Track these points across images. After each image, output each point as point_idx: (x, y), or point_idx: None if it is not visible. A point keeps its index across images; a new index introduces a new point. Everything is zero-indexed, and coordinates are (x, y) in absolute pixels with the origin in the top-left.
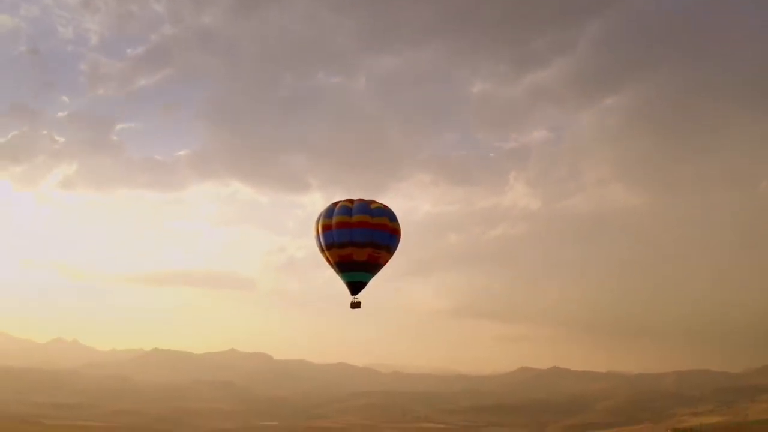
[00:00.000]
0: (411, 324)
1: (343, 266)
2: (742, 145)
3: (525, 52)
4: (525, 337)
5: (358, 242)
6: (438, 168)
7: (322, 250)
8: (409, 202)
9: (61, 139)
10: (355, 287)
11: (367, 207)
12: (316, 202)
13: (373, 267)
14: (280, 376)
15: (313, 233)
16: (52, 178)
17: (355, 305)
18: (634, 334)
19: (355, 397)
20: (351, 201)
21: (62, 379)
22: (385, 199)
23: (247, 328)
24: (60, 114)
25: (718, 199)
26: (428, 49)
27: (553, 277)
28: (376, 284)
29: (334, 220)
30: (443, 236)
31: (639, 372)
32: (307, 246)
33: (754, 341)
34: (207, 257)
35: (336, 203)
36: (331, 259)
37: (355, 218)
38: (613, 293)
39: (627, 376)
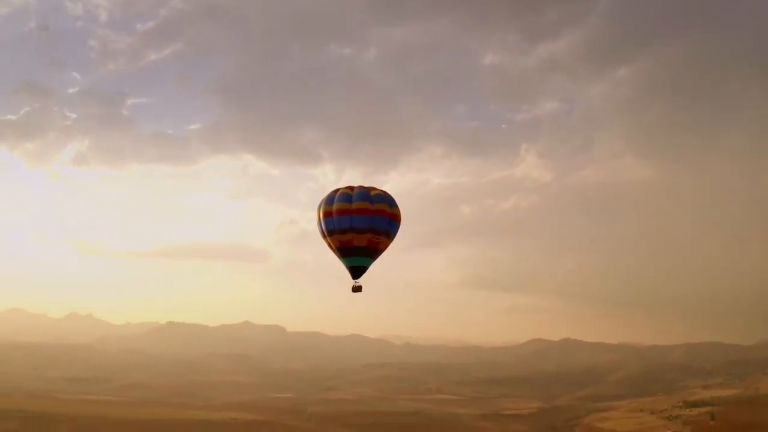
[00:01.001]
0: (423, 296)
1: (344, 251)
2: (755, 116)
3: (536, 23)
4: (537, 308)
5: (358, 228)
6: (449, 140)
7: (324, 236)
8: (420, 175)
9: (73, 116)
10: (356, 271)
11: (367, 194)
12: (328, 174)
13: (373, 252)
14: (294, 348)
15: (315, 219)
16: (65, 155)
17: (357, 289)
18: (645, 306)
19: (368, 369)
20: (351, 188)
21: (77, 354)
22: (397, 171)
23: (260, 300)
24: (71, 90)
25: (730, 171)
26: (439, 21)
27: (565, 249)
28: (388, 257)
29: (335, 207)
30: (455, 208)
31: (650, 344)
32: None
33: (766, 314)
34: (220, 230)
35: (336, 190)
36: (332, 245)
37: (355, 205)
38: (625, 265)
39: (638, 348)
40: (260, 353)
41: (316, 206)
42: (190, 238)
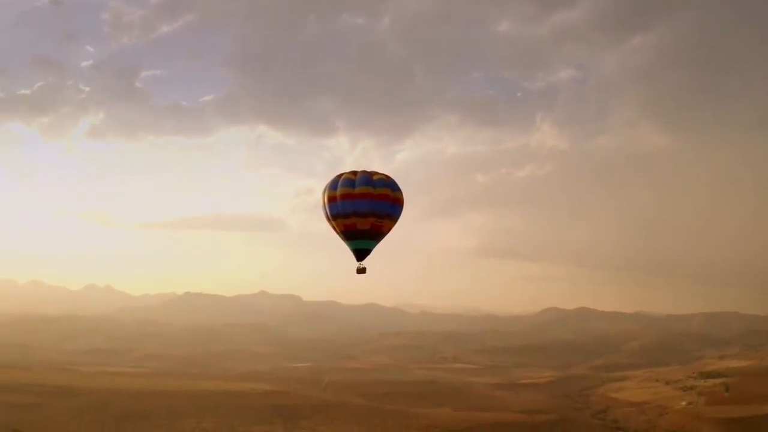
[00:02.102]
0: (438, 264)
1: (348, 234)
2: None
3: None
4: (552, 277)
5: (361, 212)
6: (464, 108)
7: (329, 220)
8: (435, 144)
9: (87, 89)
10: (360, 254)
11: (370, 179)
12: (343, 144)
13: (376, 235)
14: (310, 317)
15: (320, 204)
16: (80, 128)
17: (361, 271)
18: (662, 275)
19: (384, 338)
20: (354, 173)
21: (96, 325)
22: (412, 140)
23: (276, 270)
24: (84, 64)
25: (748, 139)
26: None
27: (581, 217)
28: (404, 226)
29: (339, 192)
30: (470, 177)
31: (667, 313)
32: None
33: None
34: (236, 201)
35: (340, 175)
36: (337, 228)
37: (358, 190)
38: (641, 234)
39: (654, 318)
40: (277, 323)
41: (339, 164)
42: (206, 209)
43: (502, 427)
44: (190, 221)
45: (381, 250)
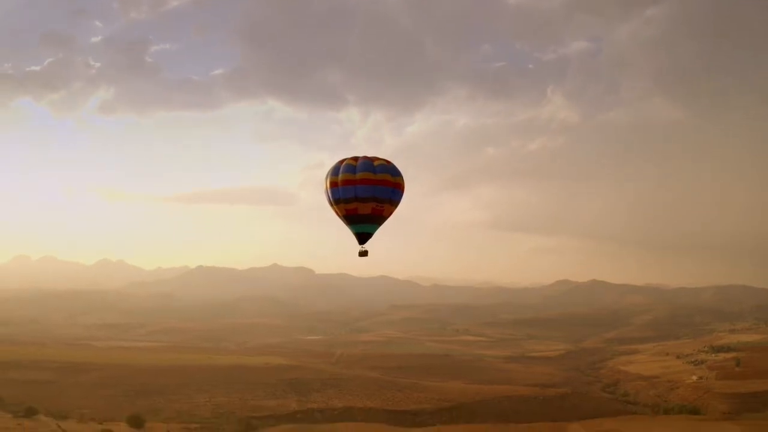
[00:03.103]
0: (450, 237)
1: (350, 219)
2: None
3: None
4: (564, 250)
5: (362, 197)
6: (475, 81)
7: (331, 205)
8: (446, 116)
9: (97, 64)
10: (362, 237)
11: (371, 164)
12: (354, 117)
13: (377, 219)
14: (323, 290)
15: (323, 189)
16: (91, 104)
17: (363, 254)
18: (673, 248)
19: (396, 310)
20: (356, 159)
21: (110, 300)
22: (422, 113)
23: (288, 243)
24: (94, 39)
25: (762, 112)
26: None
27: (592, 190)
28: (416, 199)
29: (340, 177)
30: (481, 150)
31: (678, 286)
32: None
33: None
34: (247, 175)
35: (342, 161)
36: (339, 213)
37: (359, 175)
38: (652, 207)
39: (666, 290)
40: (289, 295)
41: (349, 138)
42: (218, 182)
43: (513, 401)
44: (202, 195)
45: (393, 223)
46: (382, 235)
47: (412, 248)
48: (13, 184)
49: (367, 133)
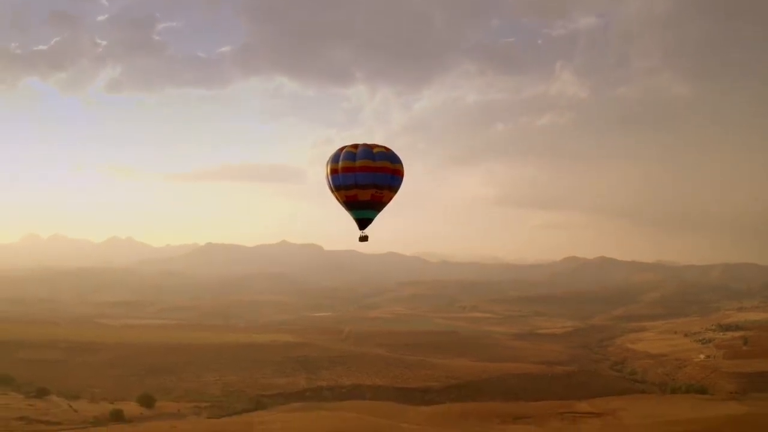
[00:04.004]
0: (458, 213)
1: (350, 205)
2: None
3: None
4: (572, 226)
5: (362, 184)
6: (484, 56)
7: (332, 191)
8: (454, 92)
9: (103, 43)
10: (362, 223)
11: (370, 152)
12: (362, 94)
13: (377, 205)
14: (331, 266)
15: (324, 175)
16: (98, 82)
17: (363, 239)
18: (682, 225)
19: (404, 287)
20: (356, 146)
21: (119, 277)
22: (431, 89)
23: (297, 220)
24: (100, 18)
25: None
26: None
27: (601, 166)
28: (424, 175)
29: (340, 165)
30: (490, 125)
31: (687, 263)
32: (354, 137)
33: None
34: (255, 152)
35: (342, 148)
36: (339, 199)
37: (359, 163)
38: (661, 183)
39: (674, 267)
40: (298, 272)
41: (357, 115)
42: (226, 160)
43: (521, 378)
44: (210, 172)
45: (401, 199)
46: (389, 211)
47: (419, 225)
48: (21, 163)
49: (375, 110)
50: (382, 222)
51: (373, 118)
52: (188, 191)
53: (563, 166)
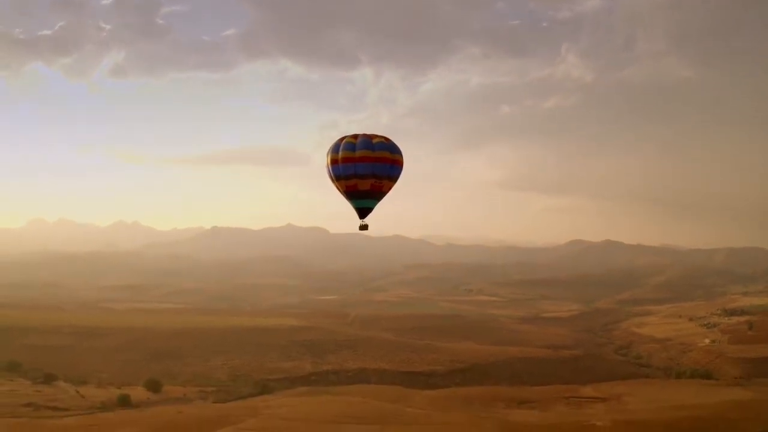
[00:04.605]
0: (463, 196)
1: (350, 195)
2: None
3: None
4: (577, 209)
5: (361, 174)
6: (489, 39)
7: (333, 181)
8: (460, 75)
9: (108, 27)
10: (362, 212)
11: (369, 142)
12: (367, 77)
13: (376, 194)
14: (337, 249)
15: (325, 165)
16: (103, 67)
17: (363, 227)
18: (687, 209)
19: (410, 270)
20: (355, 137)
21: (125, 261)
22: (436, 72)
23: (303, 203)
24: (104, 2)
25: None
26: None
27: (606, 149)
28: (429, 158)
29: (340, 155)
30: (495, 108)
31: (692, 247)
32: (359, 121)
33: None
34: (260, 135)
35: (342, 139)
36: (340, 189)
37: (358, 153)
38: (667, 167)
39: (679, 251)
40: (303, 255)
41: (362, 97)
42: (231, 143)
43: (526, 362)
44: (216, 156)
45: (407, 182)
46: (394, 194)
47: (425, 207)
48: (27, 148)
49: (380, 93)
50: (388, 205)
51: (378, 101)
52: (194, 175)
53: (569, 149)
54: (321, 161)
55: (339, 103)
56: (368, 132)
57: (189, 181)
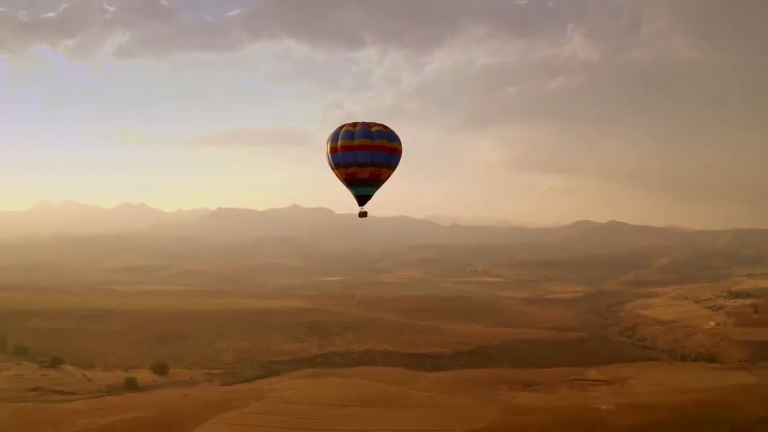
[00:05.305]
0: (468, 177)
1: (350, 182)
2: None
3: None
4: (583, 190)
5: (360, 162)
6: (494, 19)
7: (332, 169)
8: (465, 55)
9: (112, 8)
10: (362, 199)
11: (368, 131)
12: (372, 57)
13: (375, 182)
14: (342, 230)
15: (324, 153)
16: (107, 48)
17: (362, 214)
18: (693, 190)
19: (415, 251)
20: (354, 125)
21: (131, 243)
22: (441, 52)
23: (308, 184)
24: None
25: None
26: None
27: (612, 130)
28: (434, 138)
29: (340, 143)
30: (501, 89)
31: (697, 228)
32: (363, 101)
33: None
34: (265, 116)
35: (341, 127)
36: (339, 177)
37: (357, 142)
38: (672, 148)
39: (685, 232)
40: (308, 236)
41: (367, 78)
42: (236, 124)
43: (531, 344)
44: (220, 137)
45: (412, 163)
46: (399, 175)
47: (430, 188)
48: (31, 130)
49: (385, 73)
50: (393, 184)
51: (382, 81)
52: (199, 156)
53: (574, 129)
54: (325, 141)
55: (344, 84)
56: (373, 113)
57: (194, 162)
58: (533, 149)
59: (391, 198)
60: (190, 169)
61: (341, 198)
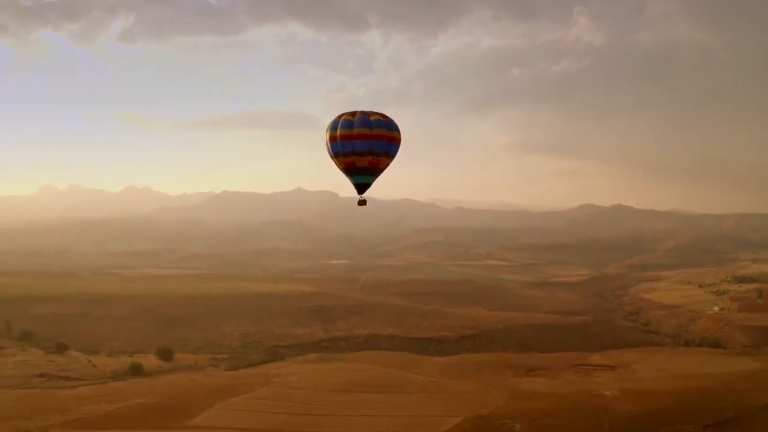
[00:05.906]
0: (473, 159)
1: (349, 171)
2: None
3: None
4: (587, 173)
5: (359, 151)
6: (500, 1)
7: (332, 158)
8: (470, 38)
9: None
10: (361, 188)
11: (367, 120)
12: (375, 40)
13: (374, 171)
14: (346, 213)
15: (324, 142)
16: (110, 32)
17: (362, 202)
18: (697, 174)
19: (419, 234)
20: (353, 114)
21: (137, 226)
22: (446, 35)
23: (312, 167)
24: None
25: None
26: None
27: (617, 113)
28: (439, 120)
29: (339, 132)
30: (505, 71)
31: (701, 212)
32: (367, 84)
33: None
34: (270, 98)
35: (340, 116)
36: (339, 165)
37: (356, 131)
38: (678, 131)
39: (689, 216)
40: (313, 219)
41: (372, 61)
42: (240, 107)
43: (535, 329)
44: (225, 120)
45: (416, 145)
46: (403, 157)
47: (434, 171)
48: (35, 114)
49: (389, 56)
50: (397, 168)
51: (386, 64)
52: (203, 139)
53: (579, 113)
54: (329, 124)
55: (347, 67)
56: (378, 96)
57: (198, 145)
58: (538, 132)
59: (395, 181)
60: (195, 152)
61: (345, 181)
